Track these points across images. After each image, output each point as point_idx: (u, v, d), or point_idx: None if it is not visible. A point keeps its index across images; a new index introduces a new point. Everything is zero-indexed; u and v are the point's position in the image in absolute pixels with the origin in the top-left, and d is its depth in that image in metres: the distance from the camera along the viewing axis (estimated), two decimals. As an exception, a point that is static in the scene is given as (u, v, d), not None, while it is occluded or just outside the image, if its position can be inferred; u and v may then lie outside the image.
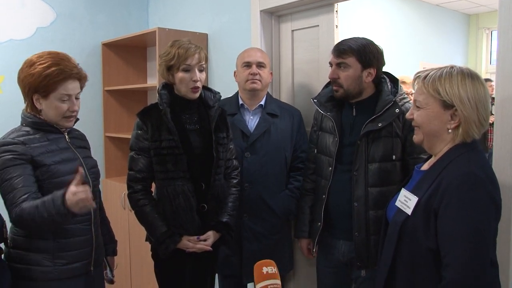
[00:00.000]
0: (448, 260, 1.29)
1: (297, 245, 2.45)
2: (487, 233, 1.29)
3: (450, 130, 1.39)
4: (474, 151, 1.38)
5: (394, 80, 2.01)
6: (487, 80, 4.83)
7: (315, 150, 2.13)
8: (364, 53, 1.90)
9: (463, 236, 1.27)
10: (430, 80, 1.39)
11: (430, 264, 1.36)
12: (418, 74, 1.45)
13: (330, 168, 2.00)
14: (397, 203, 1.48)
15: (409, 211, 1.40)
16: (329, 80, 2.05)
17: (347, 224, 1.96)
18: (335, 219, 2.02)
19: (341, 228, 2.01)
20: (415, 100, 1.45)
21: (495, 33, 1.65)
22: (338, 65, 1.94)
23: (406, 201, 1.43)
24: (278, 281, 1.37)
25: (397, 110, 1.88)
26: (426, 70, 1.44)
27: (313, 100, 2.11)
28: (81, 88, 1.82)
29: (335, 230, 2.04)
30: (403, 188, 1.51)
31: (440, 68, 1.41)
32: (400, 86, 1.99)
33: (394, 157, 1.90)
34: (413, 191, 1.43)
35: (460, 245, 1.27)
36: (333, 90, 1.99)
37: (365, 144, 1.91)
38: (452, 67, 1.41)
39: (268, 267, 1.39)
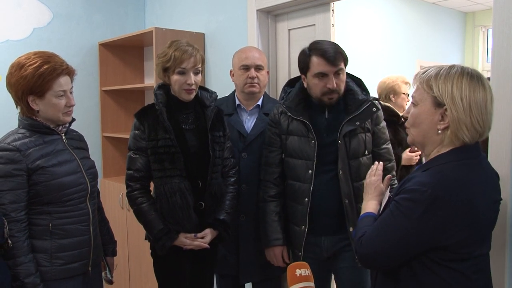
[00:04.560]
0: (366, 231, 1.36)
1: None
2: (405, 241, 1.28)
3: (439, 131, 1.31)
4: (459, 163, 1.28)
5: (357, 80, 2.05)
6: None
7: (283, 154, 2.09)
8: (345, 54, 1.95)
9: (385, 226, 1.31)
10: (426, 77, 1.33)
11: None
12: (418, 71, 1.41)
13: (310, 171, 1.98)
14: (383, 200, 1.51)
15: (381, 208, 1.44)
16: (286, 82, 2.11)
17: (334, 221, 1.99)
18: (321, 219, 2.01)
19: (326, 226, 2.02)
20: (412, 97, 1.41)
21: (491, 31, 1.65)
22: (337, 72, 1.92)
23: (384, 199, 1.46)
24: (312, 284, 1.36)
25: (374, 109, 1.96)
26: (429, 67, 1.38)
27: (282, 105, 2.08)
28: (72, 82, 1.82)
29: (317, 229, 2.02)
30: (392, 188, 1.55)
31: (442, 66, 1.35)
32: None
33: (366, 151, 1.97)
34: (392, 190, 1.45)
35: (378, 233, 1.32)
36: (327, 99, 1.95)
37: (344, 143, 1.95)
38: (453, 66, 1.33)
39: (302, 269, 1.38)
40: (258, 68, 2.25)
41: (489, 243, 1.36)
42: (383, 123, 2.05)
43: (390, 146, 2.07)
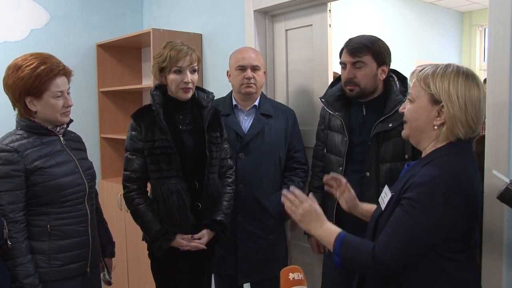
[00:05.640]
0: (382, 239, 1.31)
1: (292, 245, 2.46)
2: (422, 240, 1.28)
3: (436, 127, 1.36)
4: (458, 154, 1.34)
5: (402, 79, 2.01)
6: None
7: (325, 149, 2.13)
8: (379, 50, 1.92)
9: (402, 229, 1.28)
10: (423, 74, 1.37)
11: None
12: (415, 69, 1.44)
13: (341, 168, 1.99)
14: (379, 199, 1.50)
15: (383, 207, 1.42)
16: (333, 79, 2.07)
17: (357, 223, 1.97)
18: (346, 218, 2.02)
19: (351, 227, 2.00)
20: (409, 93, 1.44)
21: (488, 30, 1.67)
22: (354, 64, 1.93)
23: (384, 197, 1.45)
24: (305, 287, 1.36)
25: None
26: (425, 65, 1.42)
27: (321, 99, 2.11)
28: (68, 83, 1.82)
29: (345, 228, 2.03)
30: (386, 185, 1.52)
31: (438, 64, 1.39)
32: (409, 84, 2.00)
33: (406, 156, 1.89)
34: (392, 187, 1.44)
35: (397, 234, 1.29)
36: (348, 90, 1.97)
37: (375, 145, 1.91)
38: (449, 64, 1.37)
39: (295, 273, 1.37)
40: (255, 68, 2.25)
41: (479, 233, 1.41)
42: None
43: None
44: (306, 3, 2.51)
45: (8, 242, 1.63)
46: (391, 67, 2.06)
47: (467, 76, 1.33)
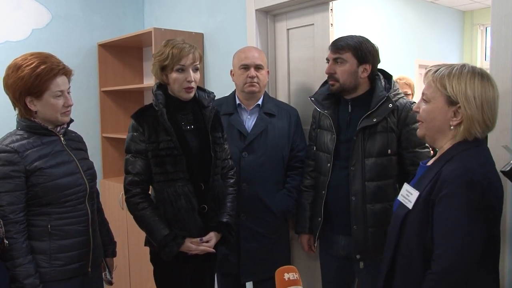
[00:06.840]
0: (439, 250, 1.30)
1: (294, 244, 2.46)
2: (478, 231, 1.28)
3: (452, 127, 1.38)
4: (478, 149, 1.37)
5: (387, 77, 2.05)
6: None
7: (314, 147, 2.17)
8: (360, 49, 1.96)
9: (455, 229, 1.28)
10: (439, 75, 1.39)
11: (427, 258, 1.36)
12: (430, 68, 1.46)
13: (329, 165, 2.04)
14: (400, 197, 1.50)
15: (410, 205, 1.42)
16: (326, 79, 2.11)
17: (345, 218, 2.00)
18: (334, 214, 2.06)
19: (340, 223, 2.04)
20: (423, 94, 1.46)
21: (489, 29, 1.68)
22: (335, 60, 1.99)
23: (408, 195, 1.45)
24: (300, 287, 1.37)
25: (390, 105, 1.93)
26: (439, 65, 1.44)
27: (310, 98, 2.14)
28: (69, 82, 1.82)
29: (334, 225, 2.08)
30: (405, 183, 1.52)
31: (453, 65, 1.41)
32: (394, 82, 2.02)
33: (389, 151, 1.93)
34: (415, 186, 1.45)
35: (452, 237, 1.28)
36: (330, 85, 2.04)
37: (361, 140, 1.95)
38: (464, 65, 1.40)
39: (290, 273, 1.38)
40: (258, 67, 2.25)
41: None
42: (416, 125, 2.00)
43: (423, 150, 1.94)
44: (308, 3, 2.51)
45: (5, 241, 1.62)
46: (391, 67, 2.10)
47: (483, 76, 1.36)
